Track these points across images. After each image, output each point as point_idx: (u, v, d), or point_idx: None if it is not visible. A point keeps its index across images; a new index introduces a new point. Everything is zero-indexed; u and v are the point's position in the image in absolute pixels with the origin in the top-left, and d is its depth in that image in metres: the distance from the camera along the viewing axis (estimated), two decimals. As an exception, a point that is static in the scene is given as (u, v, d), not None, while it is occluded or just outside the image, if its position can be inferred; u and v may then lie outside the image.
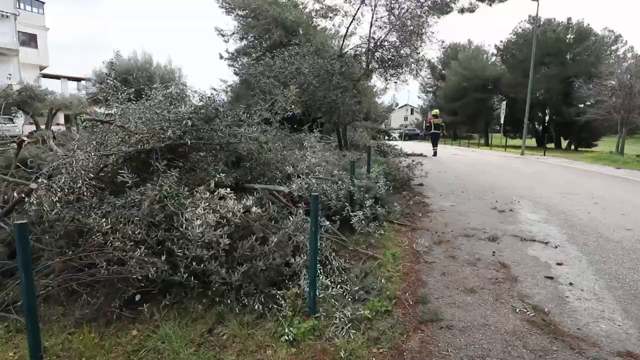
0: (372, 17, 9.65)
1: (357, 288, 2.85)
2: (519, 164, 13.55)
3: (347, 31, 10.54)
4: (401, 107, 67.27)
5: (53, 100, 21.13)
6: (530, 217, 5.08)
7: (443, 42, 10.78)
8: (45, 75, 26.13)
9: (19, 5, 23.79)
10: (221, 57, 14.78)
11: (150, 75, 17.43)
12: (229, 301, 2.73)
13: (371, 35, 10.24)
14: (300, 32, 15.34)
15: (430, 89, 42.02)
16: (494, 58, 32.62)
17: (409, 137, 41.34)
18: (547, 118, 29.65)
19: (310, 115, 9.66)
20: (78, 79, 26.40)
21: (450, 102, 34.81)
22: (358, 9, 9.90)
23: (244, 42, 15.84)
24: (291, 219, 3.26)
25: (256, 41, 15.46)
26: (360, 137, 12.45)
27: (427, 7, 8.95)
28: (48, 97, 21.10)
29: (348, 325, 2.38)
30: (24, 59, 23.86)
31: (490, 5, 10.57)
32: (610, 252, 3.74)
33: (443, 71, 37.96)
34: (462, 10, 10.23)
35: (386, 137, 19.37)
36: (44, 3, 25.13)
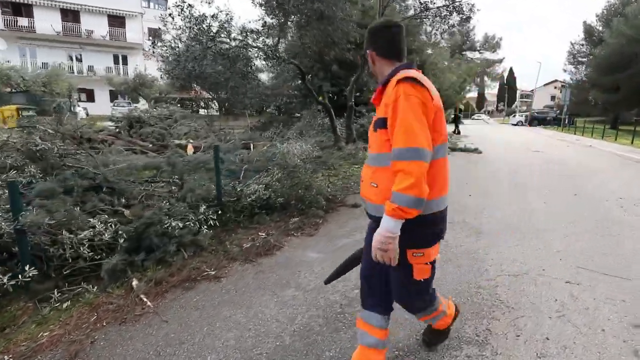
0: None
1: None
2: (615, 172, 8.20)
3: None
4: (547, 83, 54.31)
5: (158, 86, 24.29)
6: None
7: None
8: (168, 65, 30.49)
9: (147, 5, 27.96)
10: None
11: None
12: None
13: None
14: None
15: (584, 59, 31.78)
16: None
17: (537, 121, 32.49)
18: None
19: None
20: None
21: (606, 75, 25.52)
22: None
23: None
24: None
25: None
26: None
27: None
28: (155, 84, 24.36)
29: None
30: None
31: None
32: None
33: (603, 34, 27.94)
34: None
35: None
36: (167, 1, 28.94)
